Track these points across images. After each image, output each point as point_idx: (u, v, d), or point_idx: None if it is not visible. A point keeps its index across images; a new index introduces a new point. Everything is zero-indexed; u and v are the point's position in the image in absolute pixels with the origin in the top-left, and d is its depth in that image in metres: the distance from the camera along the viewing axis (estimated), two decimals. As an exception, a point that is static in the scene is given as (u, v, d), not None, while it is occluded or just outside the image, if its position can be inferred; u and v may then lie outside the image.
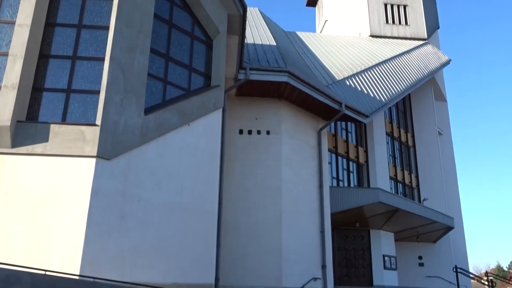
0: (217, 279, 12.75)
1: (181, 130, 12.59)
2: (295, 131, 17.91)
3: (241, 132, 17.09)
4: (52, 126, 10.47)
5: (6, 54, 10.77)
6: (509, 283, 30.55)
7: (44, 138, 10.33)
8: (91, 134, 10.54)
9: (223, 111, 14.24)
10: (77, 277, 9.08)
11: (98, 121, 10.68)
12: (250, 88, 16.60)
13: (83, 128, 10.58)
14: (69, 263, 9.54)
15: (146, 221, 11.16)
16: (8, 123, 10.04)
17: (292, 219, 16.53)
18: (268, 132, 17.26)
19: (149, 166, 11.56)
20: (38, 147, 10.26)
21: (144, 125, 11.63)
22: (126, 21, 11.69)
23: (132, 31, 11.75)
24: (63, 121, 10.72)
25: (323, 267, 17.14)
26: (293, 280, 15.90)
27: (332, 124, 23.12)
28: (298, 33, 32.81)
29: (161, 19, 13.08)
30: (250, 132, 17.20)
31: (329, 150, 22.24)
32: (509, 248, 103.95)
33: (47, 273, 8.25)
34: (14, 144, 10.16)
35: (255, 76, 15.90)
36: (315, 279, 16.71)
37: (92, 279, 8.89)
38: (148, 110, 11.86)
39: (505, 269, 74.99)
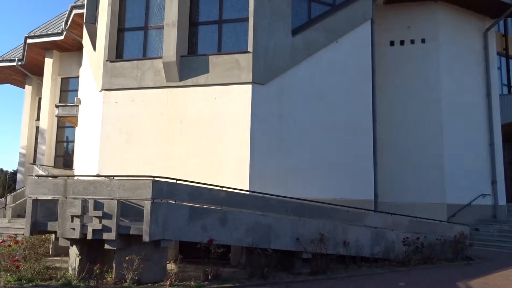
0: (376, 195, 12.78)
1: (329, 48, 12.31)
2: (455, 35, 15.96)
3: (392, 43, 15.95)
4: (210, 57, 11.25)
5: (163, -6, 11.66)
6: None
7: (205, 70, 11.20)
8: (245, 61, 11.03)
9: (372, 22, 13.33)
10: (247, 192, 10.06)
11: (250, 48, 11.07)
12: (400, -8, 15.08)
13: (237, 56, 11.11)
14: (239, 180, 10.59)
15: (303, 141, 11.58)
16: (174, 59, 11.10)
17: (455, 132, 15.31)
18: (423, 40, 15.76)
19: (301, 87, 11.73)
20: (201, 78, 11.21)
21: (293, 47, 11.66)
22: None
23: (272, -50, 11.48)
24: (219, 51, 11.40)
25: (493, 182, 15.78)
26: (458, 196, 15.06)
27: (501, 22, 19.83)
28: None
29: None
30: (402, 42, 15.93)
31: (498, 53, 19.29)
32: None
33: (223, 189, 9.31)
34: (181, 77, 11.28)
35: (406, -22, 14.31)
36: (483, 195, 15.56)
37: (260, 194, 9.75)
38: (295, 31, 11.80)
39: None
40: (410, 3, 15.81)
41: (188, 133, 11.18)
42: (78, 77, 17.32)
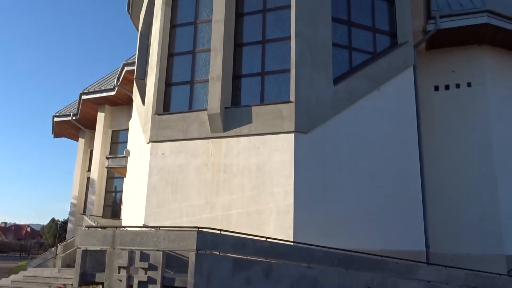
0: (427, 246, 12.14)
1: (371, 96, 12.26)
2: (503, 78, 15.50)
3: (436, 88, 15.68)
4: (253, 108, 11.49)
5: (208, 50, 12.24)
6: None
7: (248, 120, 11.42)
8: (287, 111, 11.17)
9: (414, 68, 13.27)
10: (292, 243, 9.86)
11: (292, 98, 11.24)
12: (442, 38, 14.98)
13: (280, 106, 11.29)
14: (283, 231, 10.42)
15: (348, 189, 11.33)
16: (218, 110, 11.44)
17: (511, 177, 14.50)
18: (469, 84, 15.40)
19: (344, 136, 11.65)
20: (244, 129, 11.41)
21: (335, 96, 11.73)
22: (306, -4, 11.87)
23: (312, 4, 11.88)
24: (262, 102, 11.64)
25: (558, 232, 14.60)
26: (519, 247, 14.03)
27: (552, 63, 19.13)
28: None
29: (338, -15, 12.84)
30: (447, 87, 15.64)
31: (551, 95, 18.54)
32: None
33: (267, 239, 9.19)
34: (225, 128, 11.54)
35: (447, 24, 14.28)
36: (547, 246, 14.39)
37: (305, 245, 9.53)
38: (336, 80, 11.91)
39: None
40: (453, 48, 15.65)
41: (231, 183, 11.26)
42: (127, 129, 18.16)
